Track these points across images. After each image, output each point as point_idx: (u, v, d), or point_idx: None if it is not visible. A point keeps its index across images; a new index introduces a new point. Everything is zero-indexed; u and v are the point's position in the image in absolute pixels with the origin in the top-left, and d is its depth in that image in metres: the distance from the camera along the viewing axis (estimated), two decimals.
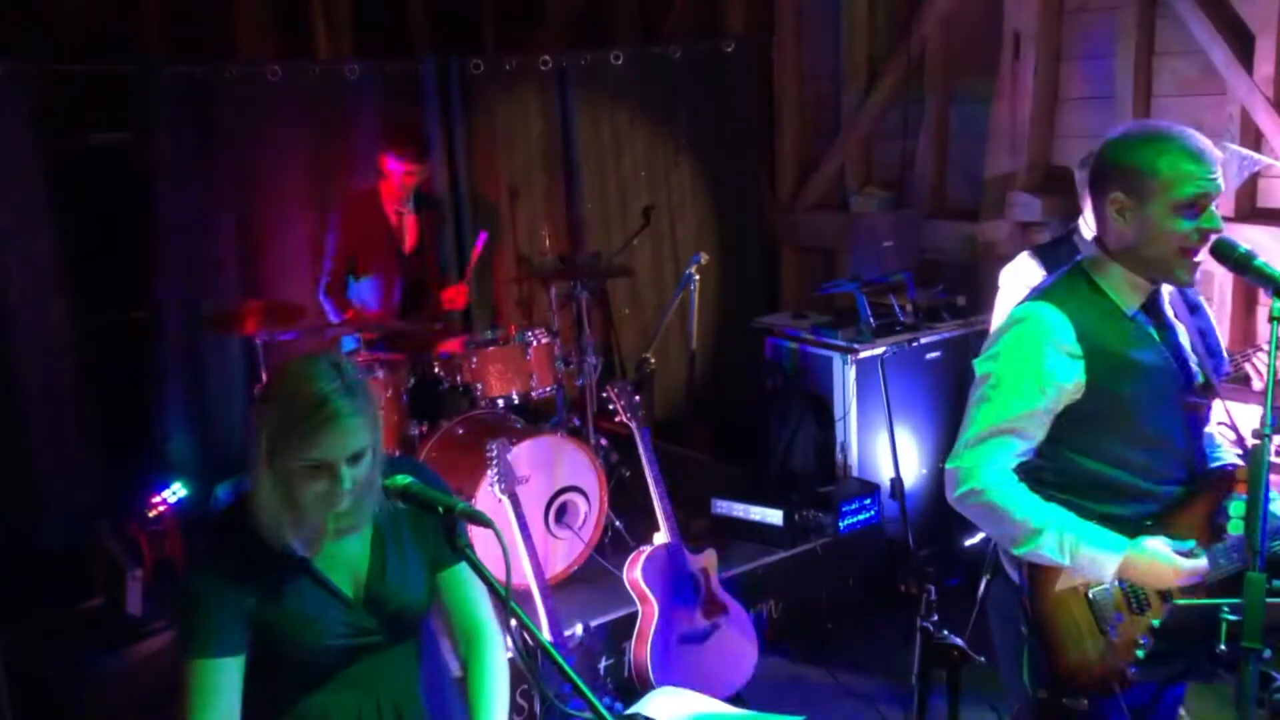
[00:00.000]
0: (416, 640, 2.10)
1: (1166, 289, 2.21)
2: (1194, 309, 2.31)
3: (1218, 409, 2.27)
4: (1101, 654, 2.12)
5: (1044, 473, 2.18)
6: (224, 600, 1.85)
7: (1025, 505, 2.10)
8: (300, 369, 1.85)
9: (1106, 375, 2.10)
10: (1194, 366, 2.19)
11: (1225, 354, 2.46)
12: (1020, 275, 3.42)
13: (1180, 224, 2.03)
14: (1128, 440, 2.15)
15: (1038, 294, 2.19)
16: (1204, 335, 2.26)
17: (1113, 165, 2.10)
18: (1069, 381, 2.10)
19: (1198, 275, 2.11)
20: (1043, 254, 3.36)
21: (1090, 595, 2.12)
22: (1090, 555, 2.07)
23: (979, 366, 2.19)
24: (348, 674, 1.96)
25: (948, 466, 2.18)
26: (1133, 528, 2.14)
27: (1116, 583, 2.12)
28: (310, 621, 1.90)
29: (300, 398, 1.80)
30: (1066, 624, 2.13)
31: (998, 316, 3.47)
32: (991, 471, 2.12)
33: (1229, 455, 2.30)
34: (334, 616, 1.93)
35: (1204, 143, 2.05)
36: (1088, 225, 3.21)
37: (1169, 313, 2.22)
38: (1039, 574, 2.14)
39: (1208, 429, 2.30)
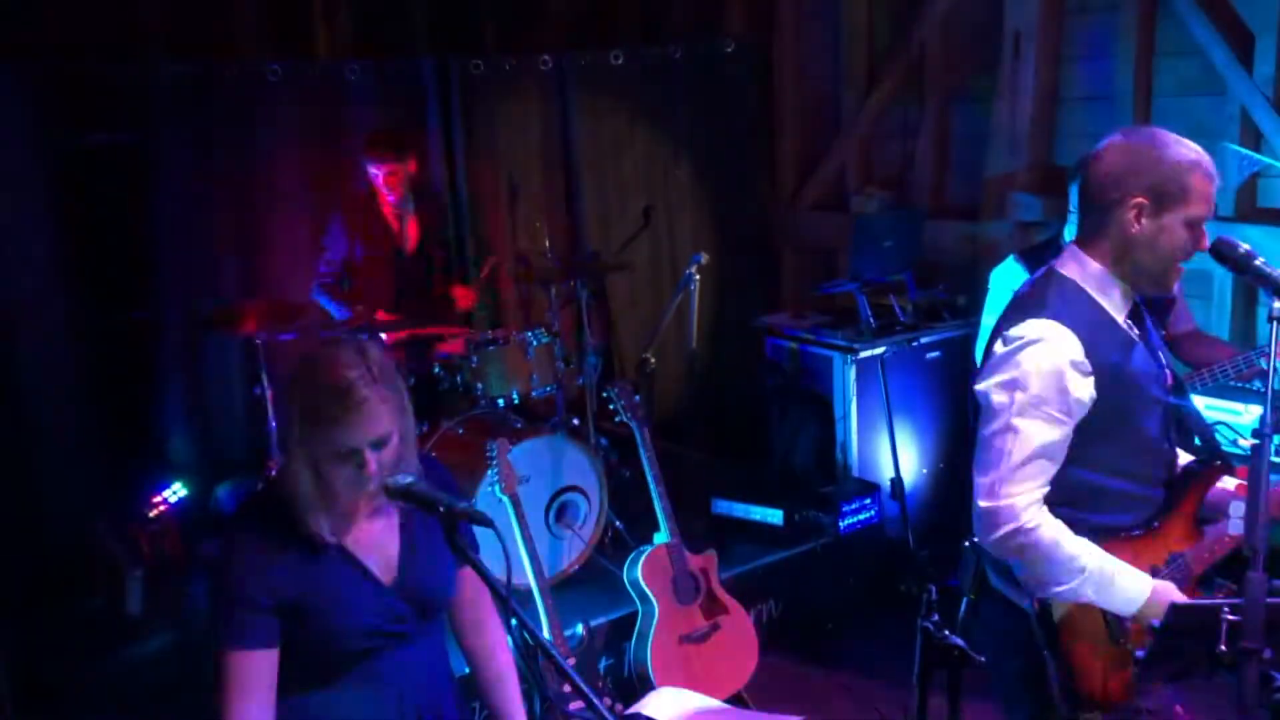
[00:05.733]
0: (440, 633, 2.11)
1: None
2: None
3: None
4: (1116, 664, 2.12)
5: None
6: (257, 591, 1.88)
7: (1069, 542, 2.06)
8: (325, 355, 1.88)
9: (1110, 387, 2.10)
10: (1168, 368, 2.22)
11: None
12: (1008, 278, 3.41)
13: (1185, 238, 2.07)
14: (1125, 448, 2.15)
15: (1040, 311, 2.11)
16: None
17: (1139, 167, 2.08)
18: (1086, 399, 2.08)
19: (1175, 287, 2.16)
20: (1030, 257, 3.35)
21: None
22: (1122, 594, 2.07)
23: (993, 393, 2.10)
24: (376, 670, 1.97)
25: (984, 505, 2.08)
26: (1129, 535, 2.14)
27: None
28: (343, 605, 1.92)
29: (326, 384, 1.83)
30: (1086, 640, 2.12)
31: (987, 318, 3.47)
32: (1034, 507, 2.07)
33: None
34: (366, 600, 1.95)
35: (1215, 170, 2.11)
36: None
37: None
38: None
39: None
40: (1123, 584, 2.07)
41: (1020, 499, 2.06)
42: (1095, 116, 4.64)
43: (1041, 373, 2.06)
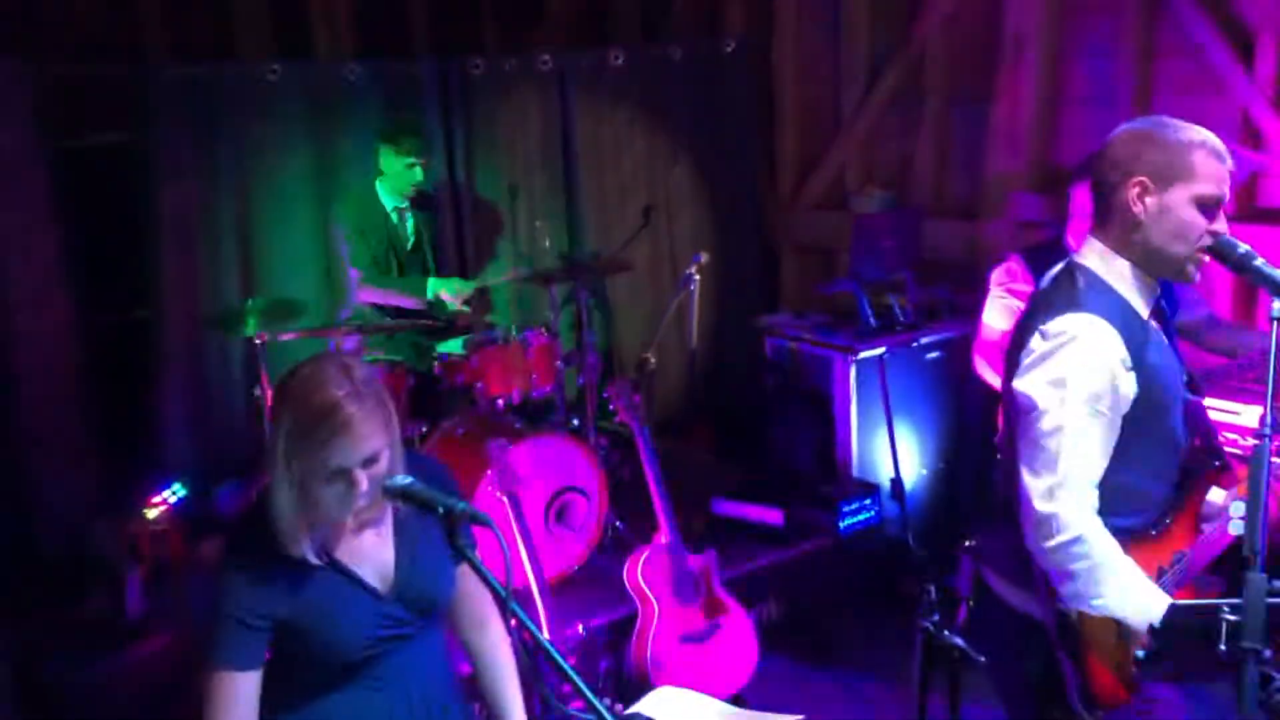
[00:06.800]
0: (441, 629, 2.11)
1: None
2: None
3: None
4: (1121, 665, 2.13)
5: None
6: (249, 612, 1.87)
7: (1116, 555, 2.03)
8: (310, 374, 1.85)
9: (1145, 384, 2.07)
10: (1184, 364, 2.21)
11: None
12: (1008, 278, 3.41)
13: (1193, 218, 2.04)
14: (1153, 447, 2.14)
15: (1077, 306, 2.08)
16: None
17: (1140, 149, 2.07)
18: (1130, 395, 2.06)
19: (1197, 275, 2.11)
20: (1032, 257, 3.34)
21: None
22: (1143, 608, 2.04)
23: (1040, 392, 2.06)
24: (379, 672, 1.98)
25: (1042, 510, 2.02)
26: (1147, 536, 2.14)
27: None
28: (340, 619, 1.92)
29: (311, 405, 1.81)
30: (1102, 643, 2.11)
31: (987, 318, 3.47)
32: (1090, 515, 2.02)
33: None
34: (364, 610, 1.94)
35: (1226, 151, 2.06)
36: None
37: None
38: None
39: None
40: (1145, 599, 2.05)
41: (1077, 503, 2.01)
42: (1095, 116, 4.63)
43: (1091, 369, 2.03)
